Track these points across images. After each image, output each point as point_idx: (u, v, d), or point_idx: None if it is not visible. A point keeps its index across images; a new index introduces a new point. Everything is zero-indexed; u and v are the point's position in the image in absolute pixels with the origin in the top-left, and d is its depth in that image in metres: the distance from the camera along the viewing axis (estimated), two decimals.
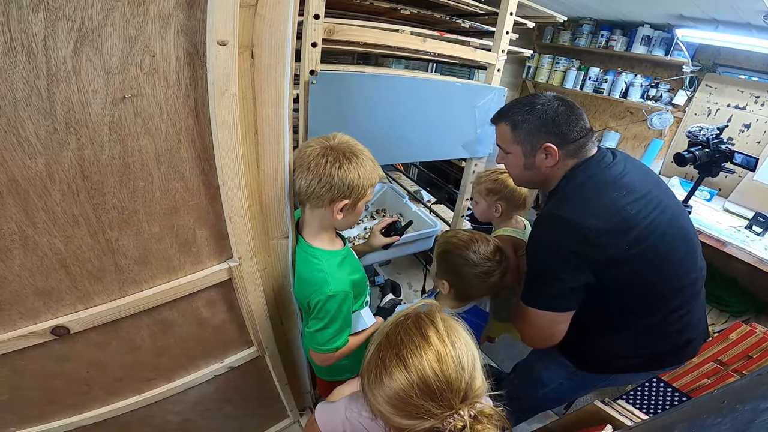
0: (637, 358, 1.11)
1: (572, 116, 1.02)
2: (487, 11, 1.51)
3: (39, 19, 0.51)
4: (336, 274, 1.03)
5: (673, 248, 1.01)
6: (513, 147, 1.09)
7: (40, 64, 0.54)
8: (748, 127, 2.56)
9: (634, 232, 0.94)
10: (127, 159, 0.69)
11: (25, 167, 0.59)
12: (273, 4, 0.72)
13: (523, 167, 1.09)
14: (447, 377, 0.58)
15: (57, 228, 0.67)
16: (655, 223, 0.97)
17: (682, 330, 1.08)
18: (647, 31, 2.78)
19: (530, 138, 1.04)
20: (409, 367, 0.58)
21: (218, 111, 0.72)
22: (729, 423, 0.60)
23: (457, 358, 0.60)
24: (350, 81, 1.18)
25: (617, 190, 0.98)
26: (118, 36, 0.58)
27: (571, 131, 1.02)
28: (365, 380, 0.65)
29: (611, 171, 1.02)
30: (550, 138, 1.02)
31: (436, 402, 0.57)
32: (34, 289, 0.71)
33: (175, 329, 0.98)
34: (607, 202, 0.97)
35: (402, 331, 0.63)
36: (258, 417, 1.59)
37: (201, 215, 0.85)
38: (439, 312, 0.66)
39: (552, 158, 1.03)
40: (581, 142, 1.03)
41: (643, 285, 1.00)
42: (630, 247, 0.94)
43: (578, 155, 1.05)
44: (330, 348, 1.06)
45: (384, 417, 0.62)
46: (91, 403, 0.96)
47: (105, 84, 0.60)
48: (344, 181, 0.92)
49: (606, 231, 0.93)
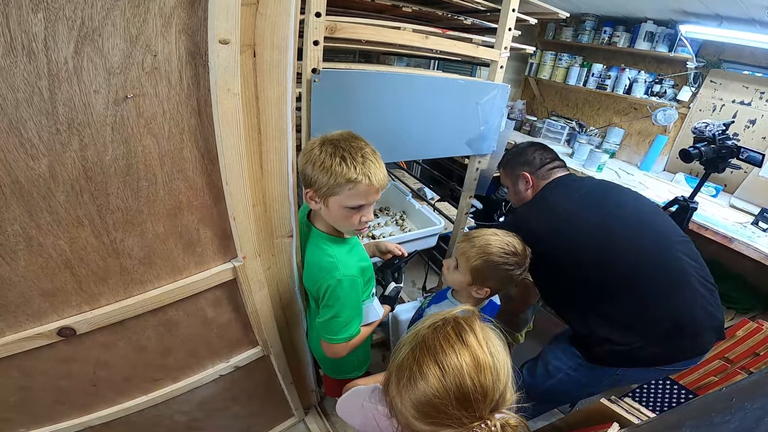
0: (626, 345, 1.18)
1: (538, 149, 1.47)
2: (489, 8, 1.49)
3: (39, 19, 0.51)
4: (345, 260, 1.04)
5: (629, 241, 1.21)
6: (506, 181, 1.56)
7: (41, 64, 0.54)
8: (753, 123, 2.53)
9: (569, 230, 1.24)
10: (131, 159, 0.68)
11: (28, 168, 0.59)
12: (274, 2, 0.72)
13: (515, 194, 1.51)
14: (484, 387, 0.56)
15: (61, 229, 0.67)
16: (601, 224, 1.23)
17: (666, 318, 1.16)
18: (650, 27, 2.76)
19: (513, 171, 1.49)
20: (446, 374, 0.57)
21: (221, 110, 0.72)
22: (737, 421, 0.59)
23: (494, 368, 0.58)
24: (353, 79, 1.17)
25: (567, 200, 1.31)
26: (119, 36, 0.58)
27: (537, 159, 1.44)
28: (394, 381, 0.63)
29: (569, 186, 1.37)
30: (524, 167, 1.45)
31: (468, 411, 0.56)
32: (40, 291, 0.71)
33: (181, 329, 0.98)
34: (554, 207, 1.31)
35: (441, 336, 0.61)
36: (264, 416, 1.59)
37: (205, 215, 0.85)
38: (477, 319, 0.65)
39: (528, 183, 1.44)
40: (548, 166, 1.43)
41: (593, 267, 1.22)
42: (563, 237, 1.24)
43: (547, 178, 1.41)
44: (343, 337, 1.05)
45: (405, 420, 0.61)
46: (100, 403, 0.96)
47: (107, 84, 0.60)
48: (303, 167, 0.93)
49: (545, 230, 1.27)
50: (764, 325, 1.60)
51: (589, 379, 1.30)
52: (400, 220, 2.07)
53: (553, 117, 3.66)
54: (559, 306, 1.41)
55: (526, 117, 3.72)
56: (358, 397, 0.84)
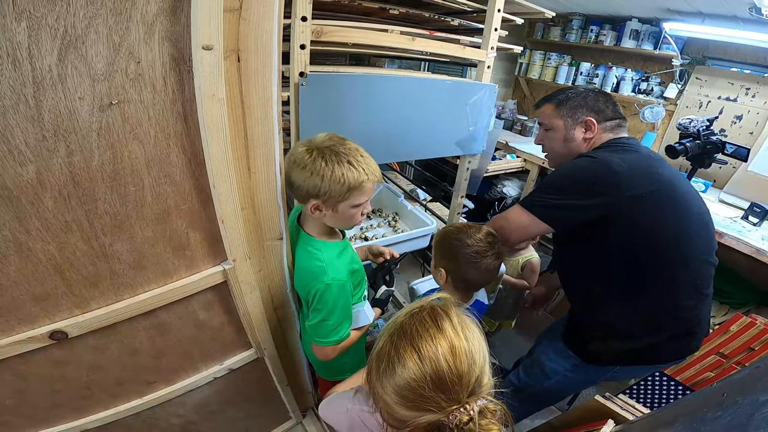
0: (635, 344, 1.15)
1: (609, 100, 1.24)
2: (475, 8, 1.51)
3: (22, 28, 0.52)
4: (334, 264, 1.04)
5: (669, 221, 1.09)
6: (556, 122, 1.27)
7: (26, 72, 0.55)
8: (740, 119, 2.57)
9: (650, 187, 1.06)
10: (117, 165, 0.70)
11: (16, 175, 0.60)
12: (257, 7, 0.73)
13: (564, 139, 1.26)
14: (459, 370, 0.58)
15: (50, 234, 0.68)
16: (680, 195, 1.10)
17: (684, 322, 1.14)
18: (635, 26, 2.80)
19: (573, 113, 1.23)
20: (423, 357, 0.58)
21: (206, 115, 0.73)
22: (730, 416, 0.61)
23: (470, 353, 0.60)
24: (341, 82, 1.19)
25: (649, 159, 1.13)
26: (102, 43, 0.59)
27: (609, 110, 1.22)
28: (374, 368, 0.64)
29: (642, 148, 1.18)
30: (590, 113, 1.21)
31: (446, 394, 0.57)
32: (31, 295, 0.72)
33: (173, 332, 0.99)
34: (639, 162, 1.10)
35: (417, 321, 0.63)
36: (261, 418, 1.59)
37: (194, 219, 0.86)
38: (453, 306, 0.67)
39: (590, 131, 1.22)
40: (616, 122, 1.23)
41: (655, 239, 1.08)
42: (648, 196, 1.05)
43: (614, 132, 1.23)
44: (331, 340, 1.06)
45: (387, 408, 0.62)
46: (95, 406, 0.97)
47: (91, 91, 0.61)
48: (306, 181, 0.92)
49: (630, 176, 1.05)
50: (758, 319, 1.60)
51: (586, 377, 1.31)
52: (393, 222, 2.08)
53: None
54: (579, 286, 1.29)
55: (517, 116, 3.74)
56: (341, 401, 0.84)
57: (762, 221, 2.13)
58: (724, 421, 0.62)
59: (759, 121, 2.48)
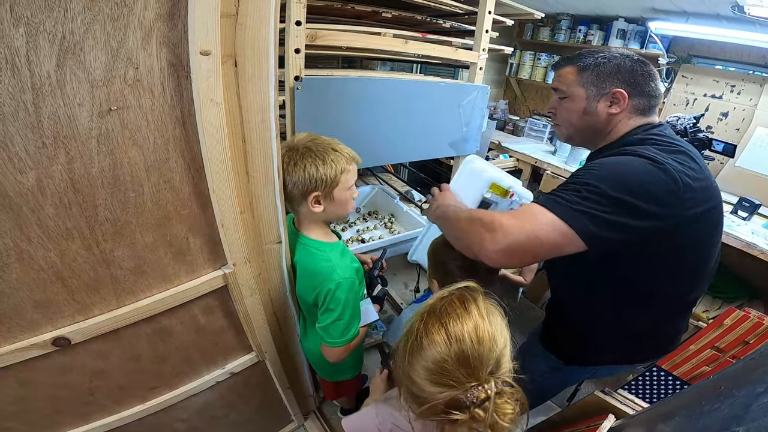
0: (618, 347, 1.09)
1: (649, 73, 0.98)
2: (466, 11, 1.54)
3: (20, 34, 0.53)
4: (341, 263, 1.07)
5: (714, 241, 0.96)
6: (576, 90, 1.02)
7: (25, 78, 0.55)
8: (726, 116, 2.62)
9: (708, 204, 0.88)
10: (117, 171, 0.70)
11: (16, 182, 0.60)
12: (253, 13, 0.74)
13: (582, 112, 1.02)
14: (481, 349, 0.62)
15: (51, 242, 0.68)
16: (718, 207, 0.93)
17: (674, 331, 1.11)
18: (622, 25, 2.84)
19: (599, 81, 0.98)
20: (449, 333, 0.63)
21: (205, 120, 0.73)
22: (726, 408, 0.62)
23: (492, 334, 0.64)
24: (335, 85, 1.20)
25: (698, 161, 0.90)
26: (100, 49, 0.60)
27: (647, 85, 0.97)
28: (402, 345, 0.69)
29: (683, 143, 0.94)
30: (622, 85, 0.96)
31: (466, 370, 0.61)
32: (33, 302, 0.72)
33: (175, 337, 0.99)
34: (694, 166, 0.87)
35: (447, 303, 0.68)
36: (263, 422, 1.59)
37: (193, 224, 0.87)
38: (481, 293, 0.71)
39: (618, 106, 0.97)
40: (654, 101, 0.99)
41: (695, 256, 0.95)
42: (700, 217, 0.87)
43: (647, 114, 0.99)
44: (345, 339, 1.08)
45: (411, 384, 0.66)
46: (98, 412, 0.97)
47: (90, 97, 0.61)
48: (305, 176, 0.98)
49: (692, 189, 0.83)
50: (750, 313, 1.61)
51: (566, 378, 1.28)
52: (389, 223, 2.09)
53: (535, 116, 3.72)
54: (570, 297, 1.13)
55: (509, 117, 3.78)
56: (368, 410, 0.88)
57: (751, 215, 2.16)
58: (721, 413, 0.63)
59: (745, 117, 2.52)
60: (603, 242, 0.81)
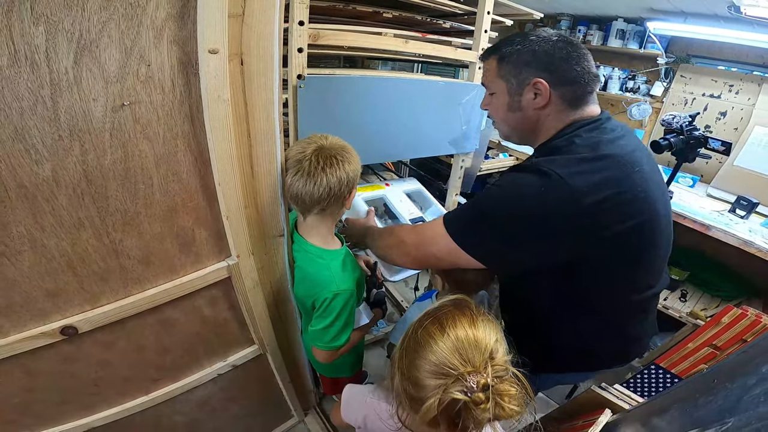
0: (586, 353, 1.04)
1: (573, 53, 0.85)
2: (465, 11, 1.56)
3: (40, 31, 0.55)
4: (342, 273, 1.07)
5: (658, 246, 0.91)
6: (498, 84, 0.92)
7: (44, 74, 0.58)
8: (724, 115, 2.64)
9: (635, 220, 0.80)
10: (128, 163, 0.73)
11: (32, 173, 0.63)
12: (259, 13, 0.77)
13: (507, 108, 0.92)
14: (476, 335, 0.66)
15: (64, 231, 0.71)
16: (657, 215, 0.84)
17: (637, 337, 1.05)
18: (621, 25, 2.86)
19: (518, 72, 0.88)
20: (444, 328, 0.67)
21: (212, 116, 0.76)
22: (720, 401, 0.65)
23: (486, 328, 0.68)
24: (337, 84, 1.22)
25: (630, 164, 0.81)
26: (114, 47, 0.62)
27: (570, 70, 0.84)
28: (402, 345, 0.72)
29: (621, 141, 0.85)
30: (540, 74, 0.85)
31: (463, 357, 0.63)
32: (44, 291, 0.74)
33: (179, 328, 1.01)
34: (617, 173, 0.79)
35: (443, 306, 0.74)
36: (263, 417, 1.61)
37: (200, 216, 0.89)
38: (472, 303, 0.76)
39: (542, 98, 0.86)
40: (581, 88, 0.86)
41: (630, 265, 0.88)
42: (624, 233, 0.80)
43: (579, 106, 0.88)
44: (334, 345, 1.08)
45: (414, 386, 0.68)
46: (102, 403, 0.99)
47: (105, 92, 0.64)
48: (345, 180, 0.96)
49: (602, 209, 0.76)
50: (748, 311, 1.60)
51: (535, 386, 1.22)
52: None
53: None
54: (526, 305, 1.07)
55: None
56: (361, 393, 0.93)
57: (749, 214, 2.19)
58: (715, 405, 0.66)
59: (743, 116, 2.55)
60: (502, 264, 0.87)
